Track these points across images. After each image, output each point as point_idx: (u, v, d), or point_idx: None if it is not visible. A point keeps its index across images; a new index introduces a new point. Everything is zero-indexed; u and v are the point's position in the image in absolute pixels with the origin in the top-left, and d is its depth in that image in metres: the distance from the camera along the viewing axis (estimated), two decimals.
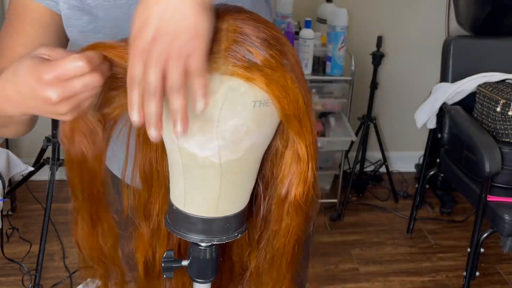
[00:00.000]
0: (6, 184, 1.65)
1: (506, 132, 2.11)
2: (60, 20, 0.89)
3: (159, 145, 0.82)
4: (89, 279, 2.54)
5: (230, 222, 0.79)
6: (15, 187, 2.61)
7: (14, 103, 0.67)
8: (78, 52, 0.66)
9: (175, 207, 0.79)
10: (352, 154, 2.97)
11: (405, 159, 3.17)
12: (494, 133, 2.14)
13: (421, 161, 2.89)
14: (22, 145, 2.87)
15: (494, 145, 2.05)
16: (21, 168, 1.80)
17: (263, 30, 0.68)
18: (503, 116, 2.11)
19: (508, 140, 2.12)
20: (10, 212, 2.59)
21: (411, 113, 2.59)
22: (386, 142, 3.12)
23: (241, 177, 0.77)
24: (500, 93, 2.16)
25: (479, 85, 2.28)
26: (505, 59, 2.47)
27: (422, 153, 2.78)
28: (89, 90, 0.64)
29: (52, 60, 0.64)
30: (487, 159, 2.00)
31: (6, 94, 0.67)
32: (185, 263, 0.85)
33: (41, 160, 2.54)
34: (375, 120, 2.86)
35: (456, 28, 2.86)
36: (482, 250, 2.13)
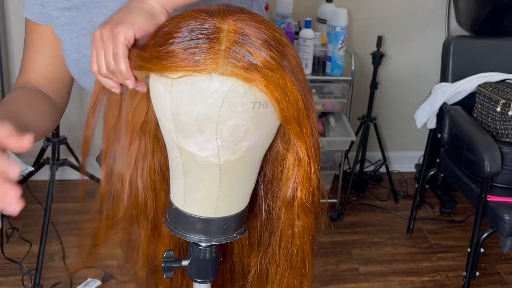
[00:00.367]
0: None
1: (506, 132, 2.11)
2: None
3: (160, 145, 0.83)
4: (89, 279, 2.54)
5: (229, 222, 0.79)
6: None
7: None
8: None
9: (175, 207, 0.79)
10: (352, 154, 2.97)
11: (405, 159, 3.17)
12: (494, 133, 2.14)
13: (421, 161, 2.89)
14: None
15: (494, 145, 2.05)
16: (21, 168, 1.80)
17: (264, 31, 0.68)
18: (503, 116, 2.11)
19: (508, 140, 2.12)
20: None
21: (411, 113, 2.59)
22: (386, 142, 3.12)
23: (241, 178, 0.77)
24: (500, 93, 2.16)
25: (479, 85, 2.28)
26: (505, 59, 2.47)
27: (422, 153, 2.78)
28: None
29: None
30: (487, 159, 2.00)
31: None
32: (185, 263, 0.85)
33: (41, 160, 2.54)
34: (375, 120, 2.86)
35: (456, 28, 2.86)
36: (482, 250, 2.13)
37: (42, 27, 0.98)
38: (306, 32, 2.48)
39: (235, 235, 0.81)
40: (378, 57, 2.74)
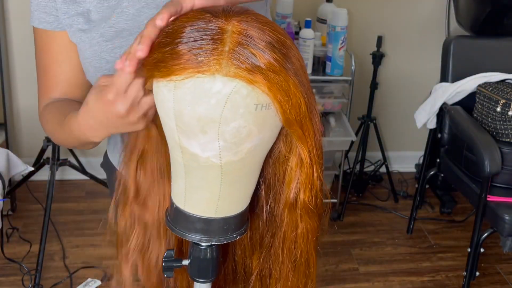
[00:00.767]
0: (6, 184, 1.65)
1: (506, 132, 2.11)
2: None
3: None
4: (89, 279, 2.54)
5: (229, 223, 0.79)
6: (15, 187, 2.61)
7: (96, 130, 0.80)
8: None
9: (176, 206, 0.79)
10: (352, 154, 2.97)
11: (405, 159, 3.17)
12: (494, 133, 2.14)
13: (421, 161, 2.89)
14: (22, 145, 2.87)
15: (494, 145, 2.05)
16: (21, 168, 1.80)
17: (268, 33, 0.68)
18: (503, 116, 2.11)
19: (508, 140, 2.12)
20: (10, 212, 2.59)
21: (411, 113, 2.59)
22: (386, 142, 3.12)
23: (242, 179, 0.77)
24: (500, 93, 2.16)
25: (479, 85, 2.28)
26: (505, 59, 2.47)
27: (422, 153, 2.78)
28: (140, 91, 0.73)
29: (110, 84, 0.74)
30: (487, 159, 2.00)
31: (89, 124, 0.79)
32: (185, 262, 0.85)
33: (41, 160, 2.54)
34: (375, 120, 2.86)
35: (456, 28, 2.86)
36: (482, 250, 2.13)
37: (58, 36, 0.98)
38: (306, 32, 2.49)
39: (235, 235, 0.81)
40: (378, 57, 2.74)
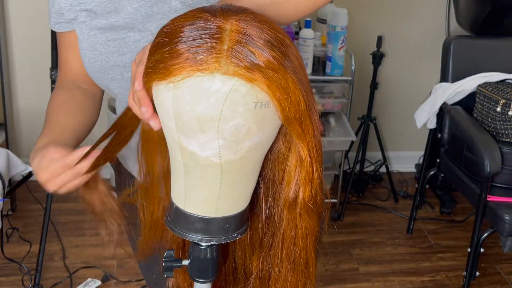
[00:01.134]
0: (6, 184, 1.65)
1: (506, 132, 2.11)
2: None
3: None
4: (89, 279, 2.53)
5: (229, 222, 0.79)
6: (15, 187, 2.61)
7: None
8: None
9: (175, 206, 0.79)
10: (352, 154, 2.97)
11: (405, 159, 3.17)
12: (494, 133, 2.14)
13: (421, 161, 2.89)
14: (22, 145, 2.87)
15: (494, 145, 2.05)
16: (21, 168, 1.80)
17: (266, 31, 0.68)
18: (503, 116, 2.11)
19: (508, 140, 2.12)
20: (10, 212, 2.59)
21: (411, 113, 2.59)
22: (386, 142, 3.12)
23: (242, 178, 0.77)
24: (500, 93, 2.16)
25: (479, 85, 2.28)
26: (505, 59, 2.47)
27: (422, 153, 2.78)
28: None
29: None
30: (487, 159, 2.00)
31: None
32: (185, 262, 0.85)
33: None
34: (375, 120, 2.86)
35: (456, 28, 2.86)
36: (482, 250, 2.13)
37: (69, 34, 1.04)
38: (306, 32, 2.48)
39: (235, 235, 0.80)
40: (378, 57, 2.74)
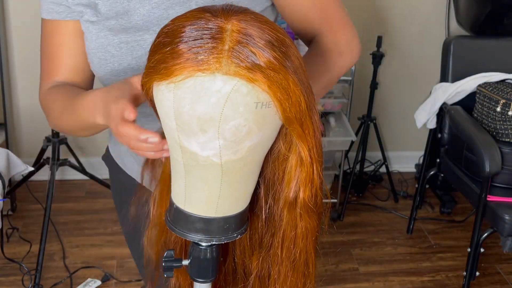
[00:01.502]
0: (6, 184, 1.65)
1: (506, 132, 2.11)
2: None
3: None
4: (89, 279, 2.53)
5: (229, 222, 0.79)
6: (15, 187, 2.61)
7: (94, 114, 0.83)
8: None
9: (175, 206, 0.79)
10: (352, 154, 2.97)
11: (405, 159, 3.17)
12: (494, 133, 2.14)
13: (421, 161, 2.89)
14: (22, 145, 2.87)
15: (494, 145, 2.05)
16: (21, 168, 1.80)
17: (267, 31, 0.68)
18: (503, 116, 2.11)
19: (508, 140, 2.12)
20: (10, 212, 2.60)
21: (411, 113, 2.59)
22: (386, 142, 3.12)
23: (242, 178, 0.77)
24: (500, 93, 2.16)
25: (479, 85, 2.28)
26: (505, 59, 2.47)
27: (422, 153, 2.78)
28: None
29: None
30: (487, 159, 2.00)
31: (95, 105, 0.83)
32: (185, 262, 0.85)
33: (41, 160, 2.54)
34: (375, 120, 2.86)
35: (456, 28, 2.86)
36: (482, 250, 2.13)
37: (67, 24, 1.00)
38: None
39: (235, 235, 0.80)
40: (378, 57, 2.74)
